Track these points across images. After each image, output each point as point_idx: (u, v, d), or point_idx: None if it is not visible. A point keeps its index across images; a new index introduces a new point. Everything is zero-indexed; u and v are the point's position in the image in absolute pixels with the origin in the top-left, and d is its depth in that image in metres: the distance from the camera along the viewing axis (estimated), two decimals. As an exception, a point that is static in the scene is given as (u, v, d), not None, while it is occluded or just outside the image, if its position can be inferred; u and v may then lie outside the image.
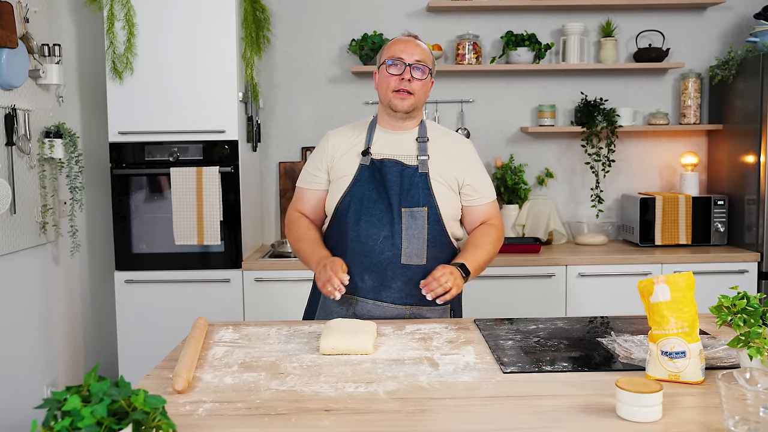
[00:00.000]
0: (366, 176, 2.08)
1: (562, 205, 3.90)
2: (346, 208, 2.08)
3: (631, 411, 1.23)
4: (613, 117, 3.65)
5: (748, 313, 1.42)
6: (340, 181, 2.11)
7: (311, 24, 3.80)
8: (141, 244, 3.28)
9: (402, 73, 2.05)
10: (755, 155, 3.39)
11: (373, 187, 2.07)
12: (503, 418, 1.28)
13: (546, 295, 3.34)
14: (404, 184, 2.06)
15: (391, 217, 2.04)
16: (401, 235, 2.04)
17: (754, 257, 3.36)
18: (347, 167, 2.10)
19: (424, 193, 2.06)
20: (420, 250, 2.05)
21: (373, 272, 2.05)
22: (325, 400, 1.36)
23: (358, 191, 2.07)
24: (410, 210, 2.05)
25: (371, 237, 2.05)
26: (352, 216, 2.07)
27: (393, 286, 2.05)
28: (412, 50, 2.07)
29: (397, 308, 2.06)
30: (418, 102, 2.09)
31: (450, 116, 3.86)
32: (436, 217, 2.07)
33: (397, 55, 2.06)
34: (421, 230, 2.05)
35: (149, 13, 3.19)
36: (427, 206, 2.06)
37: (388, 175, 2.06)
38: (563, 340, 1.77)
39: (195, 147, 3.25)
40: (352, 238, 2.06)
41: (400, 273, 2.05)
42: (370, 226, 2.05)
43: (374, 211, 2.05)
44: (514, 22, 3.82)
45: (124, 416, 1.01)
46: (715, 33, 3.86)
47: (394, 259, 2.04)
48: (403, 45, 2.08)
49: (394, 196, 2.05)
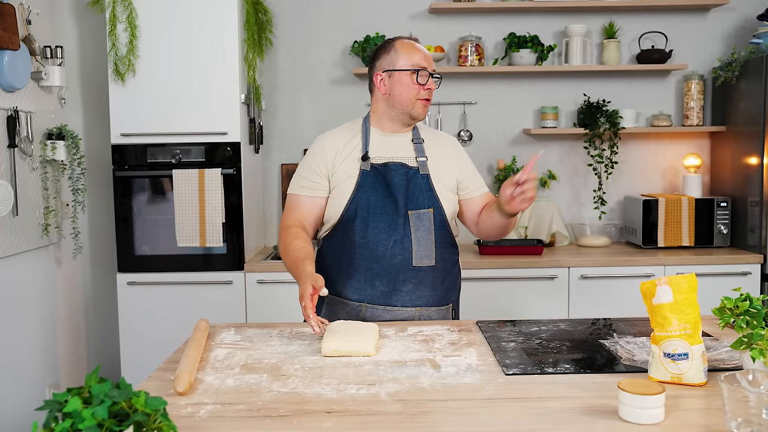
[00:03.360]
0: (369, 181, 2.05)
1: (564, 207, 3.90)
2: (352, 215, 2.04)
3: (633, 413, 1.23)
4: (615, 119, 3.65)
5: (751, 315, 1.42)
6: (342, 187, 2.06)
7: (313, 26, 3.81)
8: (143, 245, 3.28)
9: (427, 83, 2.07)
10: (758, 157, 3.39)
11: (378, 191, 2.05)
12: (505, 419, 1.28)
13: (548, 296, 3.33)
14: (409, 186, 2.06)
15: (400, 221, 2.03)
16: (411, 238, 2.03)
17: (757, 259, 3.35)
18: (348, 173, 2.07)
19: (428, 194, 2.07)
20: (429, 251, 2.05)
21: (385, 278, 2.03)
22: (327, 402, 1.36)
23: (363, 197, 2.04)
24: (417, 212, 2.05)
25: (381, 243, 2.03)
26: (360, 223, 2.04)
27: (404, 290, 2.04)
28: (430, 58, 2.10)
29: (407, 311, 2.05)
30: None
31: (452, 118, 3.86)
32: (441, 217, 2.08)
33: (422, 64, 2.07)
34: (428, 232, 2.05)
35: (151, 14, 3.20)
36: (432, 207, 2.06)
37: (394, 179, 2.05)
38: (565, 341, 1.77)
39: (197, 149, 3.26)
40: (360, 245, 2.04)
41: (411, 276, 2.04)
42: (380, 232, 2.03)
43: (382, 217, 2.04)
44: (516, 23, 3.82)
45: (125, 418, 1.01)
46: (718, 34, 3.86)
47: (405, 262, 2.03)
48: (422, 53, 2.09)
49: (401, 200, 2.04)
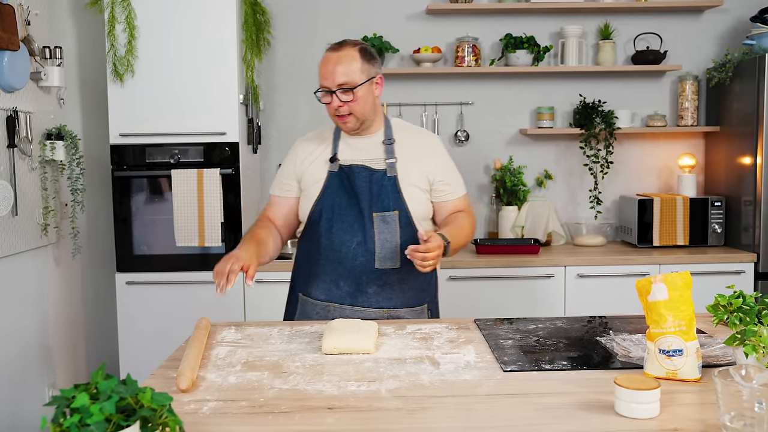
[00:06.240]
0: (335, 183, 2.08)
1: (560, 207, 3.92)
2: (318, 216, 2.09)
3: (629, 408, 1.25)
4: (611, 119, 3.67)
5: (743, 312, 1.44)
6: (310, 189, 2.11)
7: (311, 26, 3.82)
8: (142, 245, 3.30)
9: (332, 101, 2.02)
10: (752, 157, 3.42)
11: (343, 193, 2.07)
12: (503, 415, 1.30)
13: (545, 295, 3.35)
14: (373, 188, 2.06)
15: (363, 223, 2.05)
16: (374, 240, 2.04)
17: (751, 258, 3.38)
18: (316, 175, 2.10)
19: (394, 196, 2.06)
20: (394, 254, 2.05)
21: (348, 279, 2.06)
22: (328, 399, 1.38)
23: (328, 199, 2.08)
24: (381, 214, 2.05)
25: (344, 244, 2.05)
26: (325, 224, 2.07)
27: (368, 291, 2.06)
28: (334, 74, 1.99)
29: (374, 312, 2.06)
30: (364, 115, 2.05)
31: (449, 118, 3.88)
32: (408, 220, 2.07)
33: (323, 83, 2.02)
34: (393, 234, 2.05)
35: (150, 15, 3.21)
36: (398, 210, 2.06)
37: (357, 181, 2.07)
38: (562, 339, 1.79)
39: (196, 149, 3.27)
40: (325, 245, 2.07)
41: (374, 278, 2.05)
42: (343, 233, 2.06)
43: (346, 218, 2.06)
44: (513, 24, 3.84)
45: (131, 413, 1.03)
46: (712, 36, 3.89)
47: (368, 264, 2.05)
48: (326, 68, 2.01)
49: (365, 202, 2.05)
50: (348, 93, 2.00)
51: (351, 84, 2.00)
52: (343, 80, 1.99)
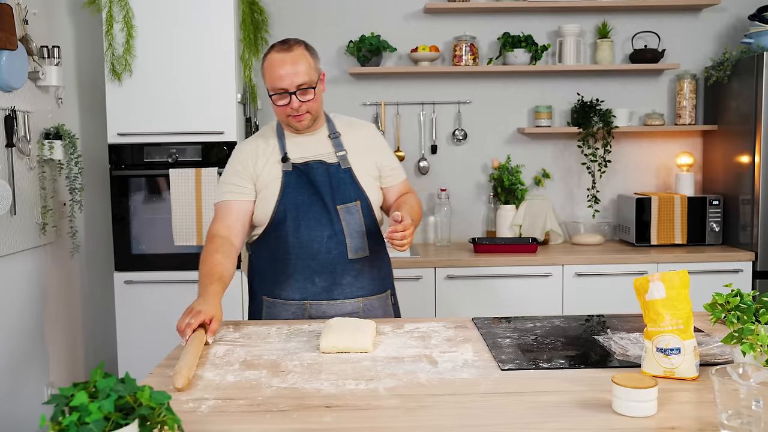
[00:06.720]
0: (293, 181, 2.08)
1: (558, 206, 3.93)
2: (282, 216, 2.07)
3: (626, 406, 1.26)
4: (609, 118, 3.68)
5: (741, 310, 1.45)
6: (267, 190, 2.08)
7: (309, 26, 3.82)
8: (140, 244, 3.30)
9: (290, 103, 2.00)
10: (749, 155, 3.42)
11: (304, 190, 2.07)
12: (501, 413, 1.30)
13: (543, 294, 3.36)
14: (333, 182, 2.08)
15: (330, 217, 2.07)
16: (344, 231, 2.07)
17: (749, 257, 3.39)
18: (272, 175, 2.09)
19: (353, 187, 2.10)
20: (362, 242, 2.10)
21: (323, 273, 2.07)
22: (326, 397, 1.38)
23: (290, 198, 2.07)
24: (345, 206, 2.08)
25: (315, 240, 2.06)
26: (291, 223, 2.06)
27: (344, 282, 2.09)
28: (292, 75, 1.97)
29: (350, 303, 2.09)
30: (318, 113, 2.08)
31: (447, 117, 3.89)
32: (368, 209, 2.12)
33: (278, 86, 1.99)
34: (359, 224, 2.10)
35: (148, 15, 3.21)
36: (359, 200, 2.10)
37: (316, 176, 2.07)
38: (560, 338, 1.80)
39: (194, 148, 3.27)
40: (294, 245, 2.07)
41: (349, 268, 2.09)
42: (312, 230, 2.07)
43: (312, 214, 2.07)
44: (510, 23, 3.84)
45: (130, 411, 1.03)
46: (710, 34, 3.89)
47: (341, 256, 2.08)
48: (280, 70, 1.98)
49: (327, 196, 2.07)
50: (308, 92, 2.01)
51: (310, 83, 2.01)
52: (302, 80, 1.99)
